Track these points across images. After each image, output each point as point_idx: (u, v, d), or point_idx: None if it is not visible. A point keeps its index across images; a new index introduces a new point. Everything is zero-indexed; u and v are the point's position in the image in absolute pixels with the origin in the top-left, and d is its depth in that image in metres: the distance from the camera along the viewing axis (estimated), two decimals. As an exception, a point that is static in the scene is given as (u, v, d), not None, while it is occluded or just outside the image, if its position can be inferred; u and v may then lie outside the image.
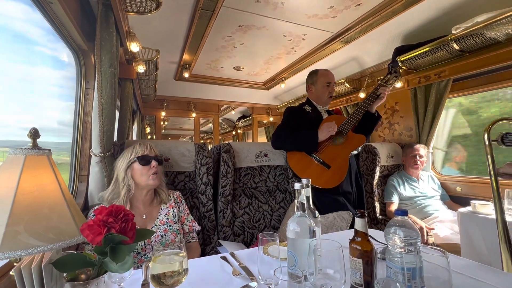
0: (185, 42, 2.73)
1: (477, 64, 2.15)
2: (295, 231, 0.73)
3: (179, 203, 1.38)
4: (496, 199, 1.13)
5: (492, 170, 1.11)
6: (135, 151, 1.26)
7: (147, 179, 1.24)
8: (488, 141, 1.13)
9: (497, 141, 1.10)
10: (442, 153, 2.75)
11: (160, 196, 1.33)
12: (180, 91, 4.42)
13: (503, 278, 0.80)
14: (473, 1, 1.92)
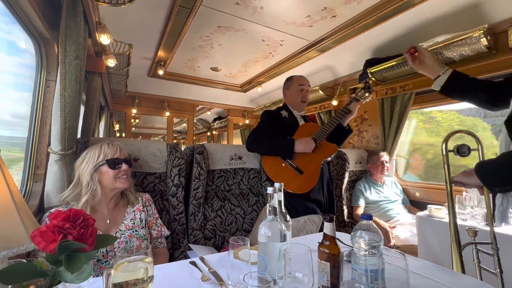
0: (161, 38, 2.64)
1: (436, 80, 2.35)
2: (266, 235, 0.73)
3: (148, 206, 1.32)
4: (450, 204, 1.23)
5: (448, 177, 1.22)
6: (104, 152, 1.16)
7: (116, 182, 1.16)
8: (445, 151, 1.24)
9: (453, 151, 1.21)
10: (404, 161, 2.95)
11: (127, 198, 1.26)
12: (154, 88, 4.25)
13: (453, 277, 0.87)
14: (434, 22, 2.10)
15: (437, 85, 1.12)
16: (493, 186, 0.81)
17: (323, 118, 3.67)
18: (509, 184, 0.78)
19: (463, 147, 1.19)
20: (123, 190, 1.24)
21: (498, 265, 1.17)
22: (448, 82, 1.08)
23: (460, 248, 1.21)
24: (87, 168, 1.13)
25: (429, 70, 1.14)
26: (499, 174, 0.80)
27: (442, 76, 1.10)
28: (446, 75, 1.09)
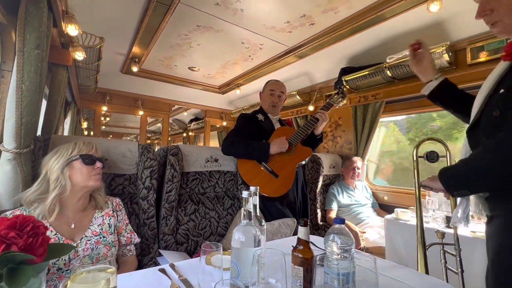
0: (136, 34, 2.52)
1: (405, 90, 2.52)
2: (240, 240, 0.71)
3: (118, 211, 1.23)
4: (418, 207, 1.32)
5: (417, 182, 1.30)
6: (78, 148, 1.10)
7: (88, 179, 1.09)
8: (416, 157, 1.31)
9: (423, 157, 1.29)
10: (374, 165, 3.10)
11: (95, 201, 1.17)
12: (127, 85, 4.06)
13: (417, 277, 0.92)
14: (403, 36, 2.25)
15: (427, 89, 1.13)
16: (452, 191, 0.85)
17: (300, 123, 3.75)
18: (465, 188, 0.83)
19: (432, 153, 1.27)
20: (93, 191, 1.16)
21: (460, 265, 1.26)
22: (438, 88, 1.09)
23: (425, 249, 1.28)
24: (57, 163, 1.04)
25: (424, 71, 1.13)
26: (456, 179, 0.85)
27: (434, 81, 1.10)
28: (437, 81, 1.09)
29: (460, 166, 0.84)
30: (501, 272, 0.79)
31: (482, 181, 0.78)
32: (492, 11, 0.82)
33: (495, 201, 0.81)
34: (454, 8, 1.80)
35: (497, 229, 0.81)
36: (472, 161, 0.81)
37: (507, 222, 0.77)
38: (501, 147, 0.73)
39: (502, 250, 0.79)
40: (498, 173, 0.73)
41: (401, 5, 1.85)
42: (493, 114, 0.79)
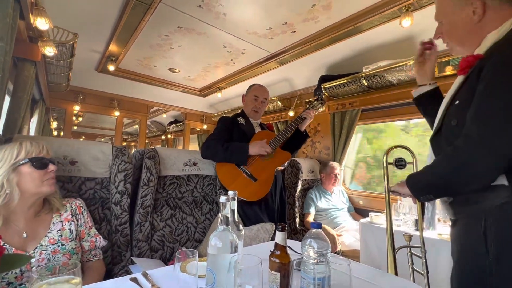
0: (114, 31, 2.43)
1: (379, 99, 2.64)
2: (216, 246, 0.70)
3: (79, 214, 1.14)
4: (388, 211, 1.37)
5: (387, 187, 1.35)
6: (26, 150, 0.97)
7: (40, 185, 0.98)
8: (385, 164, 1.37)
9: (392, 164, 1.35)
10: (350, 171, 3.21)
11: (50, 205, 1.07)
12: (102, 85, 3.88)
13: (387, 279, 0.95)
14: (378, 48, 2.37)
15: (417, 92, 1.13)
16: (419, 196, 0.90)
17: (280, 128, 3.79)
18: (429, 193, 0.87)
19: (400, 160, 1.33)
20: (47, 196, 1.06)
21: (425, 267, 1.33)
22: (427, 95, 1.10)
23: (394, 251, 1.34)
24: (0, 168, 0.92)
25: (423, 73, 1.12)
26: (422, 185, 0.89)
27: (427, 87, 1.11)
28: (430, 87, 1.10)
29: (424, 172, 0.88)
30: (463, 273, 0.83)
31: (442, 186, 0.82)
32: (443, 34, 0.90)
33: (458, 205, 0.86)
34: (423, 25, 1.93)
35: (459, 232, 0.86)
36: (432, 167, 0.85)
37: (467, 225, 0.82)
38: (455, 154, 0.77)
39: (463, 251, 0.84)
40: (454, 179, 0.78)
41: (377, 19, 1.95)
42: (451, 123, 0.84)
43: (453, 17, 0.86)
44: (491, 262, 0.73)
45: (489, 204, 0.75)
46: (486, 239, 0.74)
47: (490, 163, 0.71)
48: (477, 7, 0.79)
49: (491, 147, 0.69)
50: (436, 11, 0.93)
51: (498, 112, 0.70)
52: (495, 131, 0.69)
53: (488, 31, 0.79)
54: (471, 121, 0.74)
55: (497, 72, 0.72)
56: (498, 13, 0.78)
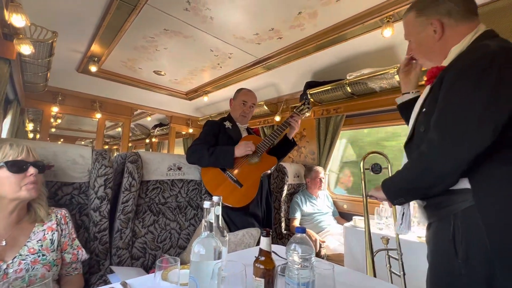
0: (96, 31, 2.36)
1: (363, 106, 2.72)
2: (199, 253, 0.68)
3: (63, 225, 1.08)
4: (366, 215, 1.42)
5: (364, 191, 1.40)
6: (2, 153, 0.93)
7: (18, 189, 0.92)
8: (362, 169, 1.42)
9: (369, 169, 1.40)
10: (335, 175, 3.26)
11: (35, 213, 1.02)
12: (83, 86, 3.75)
13: (368, 281, 0.97)
14: (362, 56, 2.45)
15: (400, 99, 1.21)
16: (392, 199, 0.93)
17: (267, 132, 3.81)
18: (401, 196, 0.91)
19: (376, 165, 1.39)
20: (32, 201, 1.00)
21: (402, 268, 1.37)
22: (409, 102, 1.17)
23: (373, 254, 1.37)
24: None
25: (407, 81, 1.20)
26: (394, 189, 0.93)
27: (409, 94, 1.19)
28: (412, 95, 1.17)
29: (395, 177, 0.93)
30: (436, 274, 0.87)
31: (410, 190, 0.88)
32: (413, 51, 1.01)
33: (431, 209, 0.90)
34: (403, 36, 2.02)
35: (432, 235, 0.90)
36: (401, 172, 0.90)
37: (439, 228, 0.86)
38: (419, 159, 0.83)
39: (436, 254, 0.88)
40: (420, 182, 0.83)
41: (360, 28, 2.02)
42: (420, 130, 0.90)
43: (418, 36, 0.95)
44: (460, 264, 0.77)
45: (456, 208, 0.79)
46: (454, 242, 0.78)
47: (450, 166, 0.75)
48: (436, 26, 0.88)
49: (450, 152, 0.74)
50: (405, 32, 1.03)
51: (455, 118, 0.75)
52: (453, 136, 0.74)
53: (452, 45, 0.87)
54: (433, 127, 0.79)
55: (454, 82, 0.78)
56: (455, 30, 0.87)
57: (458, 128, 0.74)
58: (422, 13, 0.93)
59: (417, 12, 0.94)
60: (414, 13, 0.96)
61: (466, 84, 0.75)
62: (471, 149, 0.73)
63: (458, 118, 0.75)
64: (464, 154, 0.73)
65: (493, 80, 0.72)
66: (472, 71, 0.75)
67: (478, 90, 0.73)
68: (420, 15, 0.93)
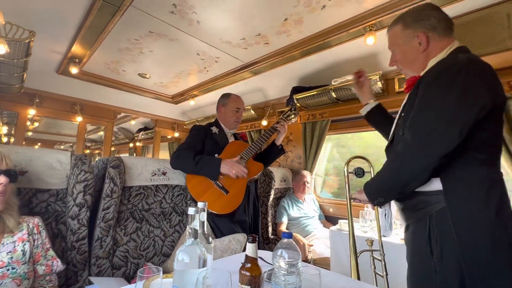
0: (77, 32, 2.28)
1: (347, 111, 2.78)
2: (183, 261, 0.66)
3: (36, 234, 1.02)
4: (350, 218, 1.46)
5: (348, 195, 1.44)
6: None
7: None
8: (347, 173, 1.47)
9: (353, 173, 1.45)
10: (321, 179, 3.30)
11: (3, 224, 0.95)
12: (63, 88, 3.60)
13: (353, 284, 0.98)
14: (346, 63, 2.51)
15: (364, 110, 1.33)
16: (373, 200, 0.98)
17: (254, 137, 3.81)
18: (380, 196, 0.96)
19: (359, 169, 1.45)
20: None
21: (384, 269, 1.42)
22: (372, 111, 1.30)
23: (356, 256, 1.41)
24: None
25: (363, 95, 1.35)
26: (373, 189, 0.98)
27: (370, 104, 1.31)
28: (372, 105, 1.31)
29: (374, 178, 1.00)
30: (414, 273, 0.93)
31: (388, 188, 0.93)
32: (397, 61, 1.08)
33: (408, 211, 0.96)
34: (385, 44, 2.09)
35: (410, 236, 0.96)
36: (379, 173, 0.96)
37: (416, 229, 0.92)
38: (395, 158, 0.90)
39: (414, 253, 0.93)
40: (396, 180, 0.89)
41: (344, 35, 2.08)
42: (400, 133, 0.96)
43: (404, 47, 1.02)
44: (435, 262, 0.83)
45: (431, 209, 0.85)
46: (430, 241, 0.84)
47: (421, 164, 0.82)
48: (422, 39, 0.96)
49: (421, 150, 0.82)
50: (390, 43, 1.10)
51: (427, 120, 0.83)
52: (424, 136, 0.82)
53: (431, 58, 0.96)
54: (407, 130, 0.87)
55: (427, 87, 0.86)
56: (438, 44, 0.95)
57: (428, 129, 0.81)
58: (409, 26, 0.99)
59: (404, 25, 1.01)
60: (401, 25, 1.02)
61: (437, 90, 0.83)
62: (440, 148, 0.79)
63: (429, 119, 0.82)
64: (433, 152, 0.80)
65: (460, 87, 0.80)
66: (442, 79, 0.83)
67: (447, 94, 0.80)
68: (407, 28, 1.00)
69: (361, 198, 1.06)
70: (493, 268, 0.77)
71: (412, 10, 1.02)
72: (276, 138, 1.94)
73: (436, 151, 0.79)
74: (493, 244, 0.77)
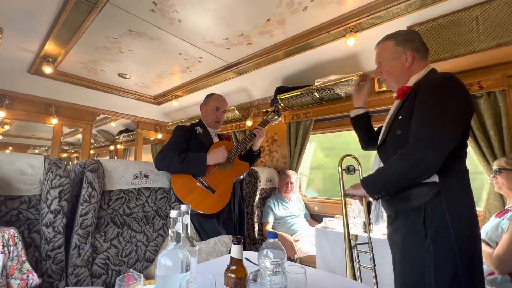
0: (51, 29, 2.17)
1: (331, 110, 2.83)
2: (166, 266, 0.64)
3: (11, 246, 0.96)
4: (344, 214, 1.48)
5: (342, 191, 1.46)
6: None
7: None
8: (340, 170, 1.51)
9: (345, 170, 1.50)
10: (306, 178, 3.34)
11: None
12: (36, 88, 3.41)
13: (339, 281, 0.99)
14: (328, 63, 2.56)
15: (354, 113, 1.47)
16: (373, 194, 1.07)
17: (238, 137, 3.79)
18: (385, 190, 1.05)
19: (350, 167, 1.52)
20: None
21: (372, 260, 1.47)
22: (361, 116, 1.45)
23: (352, 253, 1.44)
24: None
25: (359, 98, 1.48)
26: (378, 184, 1.07)
27: (360, 109, 1.46)
28: (363, 110, 1.46)
29: (379, 173, 1.08)
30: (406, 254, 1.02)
31: (398, 182, 1.02)
32: (382, 73, 1.22)
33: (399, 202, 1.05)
34: (365, 45, 2.15)
35: (401, 223, 1.06)
36: (388, 168, 1.05)
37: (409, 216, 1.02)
38: (411, 153, 0.97)
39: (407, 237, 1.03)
40: (410, 173, 0.97)
41: (326, 36, 2.11)
42: (396, 133, 1.08)
43: (392, 62, 1.17)
44: (429, 243, 0.95)
45: (426, 197, 0.98)
46: (425, 225, 0.96)
47: (437, 157, 0.93)
48: (408, 57, 1.13)
49: (437, 145, 0.93)
50: (378, 55, 1.23)
51: (438, 122, 0.95)
52: (438, 134, 0.94)
53: (413, 74, 1.13)
54: (421, 128, 0.98)
55: (429, 97, 1.00)
56: (419, 63, 1.14)
57: (440, 128, 0.94)
58: (400, 43, 1.16)
59: (396, 42, 1.17)
60: (393, 42, 1.18)
61: (442, 98, 0.98)
62: (450, 143, 0.94)
63: (440, 120, 0.95)
64: (446, 148, 0.93)
65: (458, 96, 0.98)
66: (442, 89, 0.99)
67: (451, 101, 0.97)
68: (398, 45, 1.16)
69: (357, 193, 1.16)
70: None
71: (403, 31, 1.19)
72: (253, 143, 1.93)
73: (447, 146, 0.93)
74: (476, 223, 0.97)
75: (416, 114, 1.01)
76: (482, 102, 1.90)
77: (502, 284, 1.31)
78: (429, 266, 0.93)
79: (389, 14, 1.81)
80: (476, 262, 0.95)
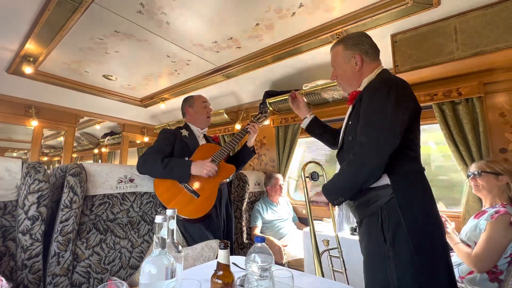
0: (32, 28, 2.09)
1: (318, 115, 2.81)
2: (150, 273, 0.62)
3: None
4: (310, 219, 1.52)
5: (306, 198, 1.52)
6: None
7: None
8: (303, 177, 1.55)
9: (309, 177, 1.54)
10: (294, 182, 3.36)
11: None
12: (15, 89, 3.26)
13: (325, 284, 1.00)
14: (316, 69, 2.60)
15: (304, 124, 1.53)
16: (332, 200, 1.08)
17: (227, 140, 3.77)
18: (341, 195, 1.06)
19: (314, 173, 1.57)
20: None
21: (343, 265, 1.51)
22: (310, 124, 1.50)
23: (319, 256, 1.49)
24: None
25: (300, 111, 1.57)
26: (334, 190, 1.08)
27: (307, 118, 1.52)
28: (311, 117, 1.52)
29: (333, 179, 1.10)
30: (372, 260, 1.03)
31: (349, 187, 1.03)
32: (337, 77, 1.27)
33: (362, 207, 1.07)
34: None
35: (365, 229, 1.07)
36: (339, 174, 1.07)
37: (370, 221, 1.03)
38: (355, 158, 1.00)
39: (370, 243, 1.05)
40: (357, 178, 0.99)
41: (313, 42, 2.16)
42: (349, 139, 1.12)
43: (344, 66, 1.21)
44: (388, 248, 0.95)
45: (381, 201, 0.98)
46: (383, 230, 0.97)
47: (378, 161, 0.95)
48: (357, 60, 1.16)
49: (376, 150, 0.95)
50: (332, 60, 1.27)
51: (377, 126, 0.97)
52: (376, 139, 0.96)
53: (365, 77, 1.16)
54: (361, 134, 1.01)
55: (369, 101, 1.03)
56: (369, 65, 1.16)
57: (378, 132, 0.96)
58: (349, 47, 1.19)
59: (344, 46, 1.20)
60: (342, 46, 1.21)
61: (378, 101, 1.00)
62: (389, 146, 0.94)
63: (378, 125, 0.97)
64: (385, 150, 0.94)
65: (394, 98, 0.98)
66: (380, 93, 1.01)
67: (386, 105, 0.98)
68: (347, 49, 1.19)
69: (320, 200, 1.15)
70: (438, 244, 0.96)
71: (352, 35, 1.22)
72: (248, 140, 1.93)
73: (386, 150, 0.94)
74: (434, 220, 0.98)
75: (360, 119, 1.05)
76: (460, 108, 1.98)
77: (481, 282, 1.36)
78: (391, 271, 0.93)
79: (374, 22, 1.87)
80: (437, 260, 0.93)
